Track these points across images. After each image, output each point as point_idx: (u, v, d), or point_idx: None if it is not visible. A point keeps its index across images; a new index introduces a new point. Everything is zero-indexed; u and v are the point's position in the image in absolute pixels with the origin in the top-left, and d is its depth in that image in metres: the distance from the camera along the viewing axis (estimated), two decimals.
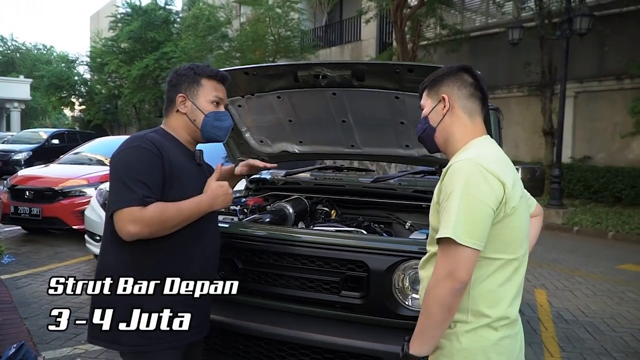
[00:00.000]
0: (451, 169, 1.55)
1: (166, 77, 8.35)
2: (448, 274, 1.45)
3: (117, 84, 27.37)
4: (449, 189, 1.51)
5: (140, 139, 1.89)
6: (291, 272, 2.48)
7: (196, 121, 2.01)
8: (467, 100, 1.71)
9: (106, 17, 27.42)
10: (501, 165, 1.58)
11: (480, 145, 1.65)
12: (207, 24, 18.58)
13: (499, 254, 1.55)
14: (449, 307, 1.47)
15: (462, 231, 1.44)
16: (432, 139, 1.76)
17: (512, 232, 1.57)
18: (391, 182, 3.39)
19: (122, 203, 1.76)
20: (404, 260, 2.31)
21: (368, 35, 18.51)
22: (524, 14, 13.22)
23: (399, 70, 2.61)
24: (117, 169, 1.84)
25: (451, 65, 1.78)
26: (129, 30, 24.19)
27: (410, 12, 13.46)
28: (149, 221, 1.77)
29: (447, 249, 1.47)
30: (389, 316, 2.34)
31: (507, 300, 1.58)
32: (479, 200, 1.47)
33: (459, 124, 1.70)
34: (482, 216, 1.48)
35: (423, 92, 1.81)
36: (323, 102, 2.98)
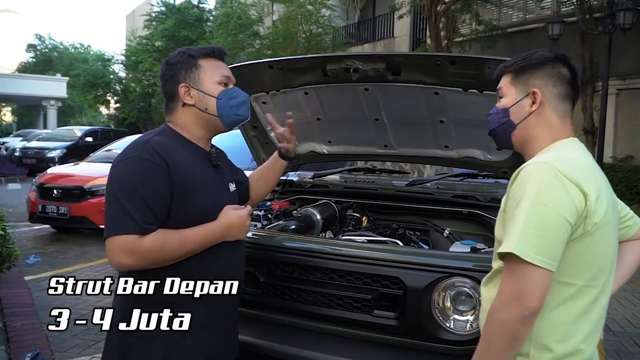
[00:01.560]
0: (522, 173, 1.31)
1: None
2: (514, 297, 1.23)
3: (151, 82, 27.58)
4: (518, 196, 1.28)
5: (141, 147, 1.61)
6: (318, 287, 2.22)
7: (208, 109, 1.73)
8: (561, 100, 1.44)
9: (141, 16, 27.71)
10: (586, 172, 1.32)
11: (564, 147, 1.40)
12: (238, 21, 18.51)
13: (573, 278, 1.30)
14: (514, 335, 1.24)
15: (529, 246, 1.21)
16: (509, 136, 1.49)
17: (593, 254, 1.31)
18: (428, 185, 3.12)
19: (116, 229, 1.51)
20: (445, 277, 2.04)
21: (401, 32, 18.14)
22: (563, 9, 12.69)
23: (439, 62, 2.34)
24: (112, 185, 1.57)
25: (547, 52, 1.47)
26: (163, 28, 24.33)
27: (445, 8, 13.06)
28: (144, 254, 1.53)
29: (512, 267, 1.25)
30: (427, 339, 2.07)
31: (580, 335, 1.32)
32: (553, 210, 1.23)
33: (546, 126, 1.44)
34: (556, 230, 1.23)
35: (503, 76, 1.52)
36: (354, 99, 2.73)
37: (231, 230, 1.71)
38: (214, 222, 1.68)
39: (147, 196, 1.54)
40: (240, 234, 1.77)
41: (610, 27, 10.00)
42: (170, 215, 1.59)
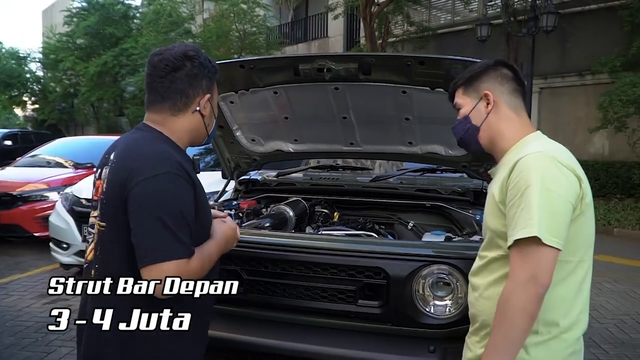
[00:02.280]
0: (521, 164, 1.41)
1: (126, 75, 7.74)
2: (530, 278, 1.32)
3: (73, 82, 26.35)
4: (522, 185, 1.38)
5: (168, 162, 1.49)
6: (302, 281, 2.29)
7: (209, 126, 1.70)
8: (511, 95, 1.61)
9: (60, 12, 26.33)
10: (571, 157, 1.48)
11: (540, 139, 1.55)
12: (169, 19, 18.05)
13: (571, 255, 1.43)
14: (532, 314, 1.33)
15: (547, 230, 1.32)
16: (476, 139, 1.65)
17: (585, 231, 1.46)
18: (391, 181, 3.25)
19: (167, 254, 1.42)
20: (425, 266, 2.17)
21: (335, 31, 18.39)
22: (490, 12, 13.36)
23: (410, 62, 2.46)
24: (152, 204, 1.44)
25: (487, 61, 1.68)
26: (86, 25, 23.29)
27: (379, 9, 13.42)
28: (192, 276, 1.49)
29: (527, 250, 1.34)
30: (410, 325, 2.19)
31: (579, 306, 1.47)
32: (560, 195, 1.36)
33: (506, 121, 1.59)
34: (564, 213, 1.37)
35: (456, 91, 1.70)
36: (324, 98, 2.81)
37: (228, 244, 1.74)
38: (218, 238, 1.67)
39: (187, 214, 1.48)
40: (233, 245, 1.80)
41: (534, 30, 10.64)
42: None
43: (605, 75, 10.58)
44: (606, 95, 9.58)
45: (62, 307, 1.75)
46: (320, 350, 2.21)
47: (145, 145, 1.56)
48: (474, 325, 1.61)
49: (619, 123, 9.48)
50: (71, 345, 3.87)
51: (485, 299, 1.52)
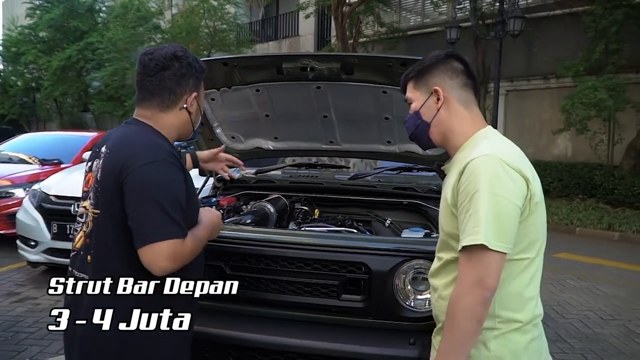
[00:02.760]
0: (469, 168, 1.41)
1: (91, 69, 7.78)
2: (477, 282, 1.34)
3: (36, 76, 25.61)
4: (470, 189, 1.38)
5: (163, 151, 1.59)
6: (286, 276, 2.33)
7: (195, 123, 1.81)
8: (461, 90, 1.59)
9: (22, 3, 25.56)
10: (519, 157, 1.47)
11: (491, 137, 1.53)
12: (137, 14, 17.77)
13: (524, 253, 1.45)
14: (479, 317, 1.36)
15: (493, 235, 1.34)
16: (427, 135, 1.62)
17: (536, 228, 1.47)
18: (369, 179, 3.31)
19: (163, 234, 1.49)
20: (406, 261, 2.24)
21: (306, 30, 18.42)
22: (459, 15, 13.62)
23: (391, 63, 2.53)
24: (148, 188, 1.52)
25: (438, 53, 1.64)
26: (49, 18, 22.67)
27: (351, 9, 13.52)
28: (187, 257, 1.58)
29: (474, 256, 1.36)
30: (391, 318, 2.26)
31: (533, 301, 1.49)
32: (506, 199, 1.37)
33: (457, 117, 1.57)
34: (511, 216, 1.38)
35: (407, 84, 1.67)
36: (305, 96, 2.85)
37: (215, 229, 1.84)
38: (206, 223, 1.76)
39: (181, 199, 1.57)
40: (218, 232, 1.91)
41: (501, 33, 10.90)
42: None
43: (569, 79, 10.90)
44: (568, 99, 9.89)
45: (28, 304, 1.74)
46: (303, 344, 2.25)
47: (138, 136, 1.65)
48: (437, 325, 1.63)
49: (581, 126, 9.81)
50: (42, 344, 3.82)
51: (444, 300, 1.52)
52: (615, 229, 9.04)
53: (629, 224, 9.06)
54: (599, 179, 10.69)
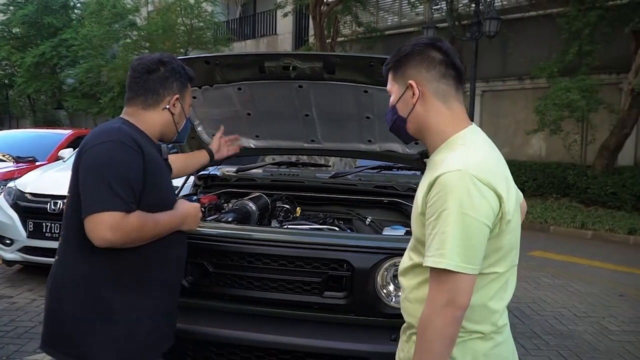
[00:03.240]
0: (440, 182, 1.32)
1: (66, 66, 7.98)
2: (447, 303, 1.29)
3: (8, 72, 25.09)
4: (438, 206, 1.31)
5: (117, 133, 1.72)
6: (269, 274, 2.35)
7: (179, 124, 1.94)
8: (439, 82, 1.44)
9: None
10: (494, 171, 1.37)
11: (468, 144, 1.41)
12: (112, 10, 17.53)
13: (492, 267, 1.39)
14: (451, 337, 1.31)
15: (460, 258, 1.28)
16: (405, 130, 1.52)
17: (507, 244, 1.40)
18: (350, 177, 3.34)
19: (105, 205, 1.59)
20: (388, 258, 2.27)
21: (284, 29, 18.40)
22: (436, 15, 13.77)
23: (373, 63, 2.55)
24: (96, 165, 1.65)
25: (417, 40, 1.49)
26: (23, 14, 22.24)
27: (329, 9, 13.56)
28: (129, 231, 1.63)
29: (442, 278, 1.30)
30: (372, 315, 2.29)
31: (498, 313, 1.43)
32: (475, 219, 1.29)
33: (434, 113, 1.45)
34: (480, 237, 1.31)
35: (388, 75, 1.54)
36: (287, 95, 2.86)
37: (187, 220, 1.89)
38: (174, 211, 1.84)
39: (131, 178, 1.65)
40: (194, 224, 1.96)
41: (477, 34, 11.07)
42: (141, 200, 1.70)
43: (543, 80, 11.09)
44: (542, 100, 10.08)
45: (4, 303, 1.81)
46: (285, 341, 2.27)
47: (106, 125, 1.81)
48: (403, 324, 1.58)
49: (555, 126, 10.00)
50: (18, 342, 3.77)
51: (410, 302, 1.50)
52: (589, 228, 9.23)
53: (602, 222, 9.25)
54: (572, 178, 10.90)
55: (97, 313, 1.69)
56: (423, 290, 1.41)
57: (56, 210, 4.91)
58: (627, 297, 5.48)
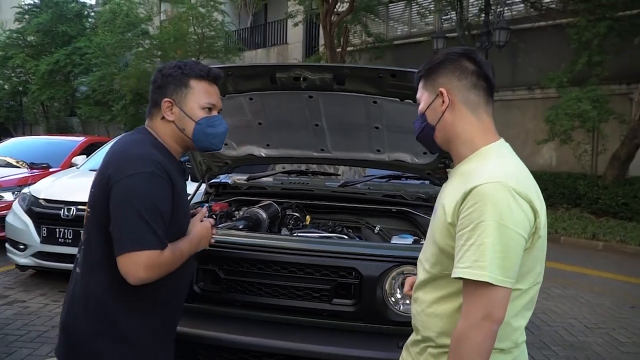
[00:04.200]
0: (477, 193, 1.30)
1: (79, 74, 7.95)
2: (485, 316, 1.27)
3: (23, 80, 25.42)
4: (475, 217, 1.29)
5: (151, 163, 1.61)
6: (278, 280, 2.39)
7: (186, 130, 1.75)
8: (469, 92, 1.45)
9: (11, 8, 25.43)
10: (529, 184, 1.38)
11: (502, 156, 1.43)
12: (125, 19, 17.75)
13: (519, 284, 1.37)
14: (488, 351, 1.30)
15: (499, 271, 1.27)
16: (432, 139, 1.53)
17: (535, 260, 1.40)
18: (359, 186, 3.38)
19: (141, 244, 1.53)
20: (396, 266, 2.31)
21: (294, 38, 18.52)
22: (445, 25, 13.82)
23: (382, 74, 2.60)
24: (131, 199, 1.56)
25: (451, 49, 1.52)
26: (38, 22, 22.57)
27: (339, 18, 13.64)
28: (163, 267, 1.59)
29: (479, 291, 1.28)
30: (380, 322, 2.33)
31: (519, 331, 1.44)
32: (515, 232, 1.28)
33: (463, 123, 1.46)
34: (518, 250, 1.30)
35: (419, 82, 1.56)
36: (298, 105, 2.91)
37: (201, 243, 1.83)
38: (191, 236, 1.77)
39: (164, 212, 1.60)
40: (206, 244, 1.89)
41: (487, 44, 11.11)
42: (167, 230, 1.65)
43: (553, 90, 11.07)
44: (552, 109, 10.06)
45: (17, 307, 1.81)
46: (294, 347, 2.30)
47: (132, 146, 1.69)
48: (415, 336, 1.57)
49: (565, 136, 9.97)
50: (31, 346, 3.83)
51: (428, 316, 1.48)
52: (600, 239, 9.16)
53: (613, 233, 9.18)
54: (583, 188, 10.85)
55: (109, 332, 1.66)
56: (444, 305, 1.42)
57: (69, 216, 5.00)
58: (638, 309, 5.45)
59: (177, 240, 1.68)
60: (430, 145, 1.58)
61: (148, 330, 1.71)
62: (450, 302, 1.42)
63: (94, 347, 1.66)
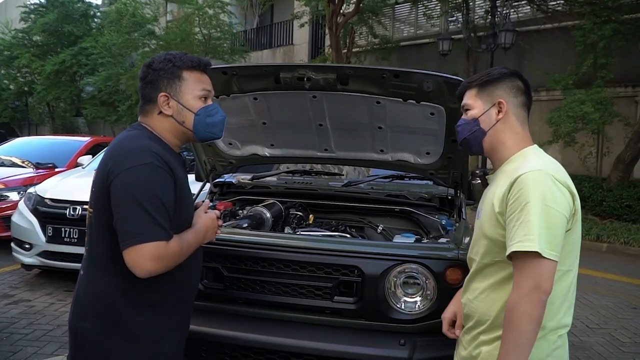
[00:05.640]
0: (522, 180, 1.50)
1: (85, 74, 7.86)
2: (534, 287, 1.43)
3: (29, 80, 25.54)
4: (522, 200, 1.48)
5: (150, 154, 1.61)
6: (281, 278, 2.42)
7: (185, 122, 1.75)
8: (520, 108, 1.69)
9: (17, 7, 25.58)
10: (566, 175, 1.57)
11: (539, 155, 1.63)
12: (132, 19, 17.81)
13: (560, 265, 1.51)
14: (538, 319, 1.44)
15: (547, 244, 1.43)
16: (480, 142, 1.71)
17: (574, 242, 1.58)
18: (362, 186, 3.40)
19: (147, 236, 1.52)
20: (397, 264, 2.33)
21: (300, 39, 18.56)
22: (451, 27, 13.82)
23: (385, 75, 2.62)
24: (133, 192, 1.56)
25: (504, 69, 1.75)
26: (44, 22, 22.67)
27: (345, 20, 13.67)
28: (170, 258, 1.59)
29: (529, 263, 1.45)
30: (382, 320, 2.35)
31: (563, 310, 1.58)
32: (557, 211, 1.47)
33: (511, 132, 1.67)
34: (561, 227, 1.48)
35: (467, 91, 1.75)
36: (301, 105, 2.93)
37: (207, 234, 1.83)
38: (196, 228, 1.77)
39: (167, 204, 1.59)
40: (213, 236, 1.88)
41: (493, 46, 11.10)
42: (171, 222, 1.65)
43: (559, 92, 11.08)
44: (555, 111, 10.05)
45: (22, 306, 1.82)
46: (297, 344, 2.33)
47: (128, 141, 1.70)
48: (467, 324, 1.71)
49: (569, 138, 9.97)
50: (36, 345, 3.86)
51: (480, 302, 1.64)
52: (604, 240, 9.15)
53: (617, 235, 9.17)
54: (587, 190, 10.83)
55: (118, 332, 1.65)
56: (498, 289, 1.59)
57: (75, 216, 5.04)
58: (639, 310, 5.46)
59: (182, 231, 1.68)
60: (475, 148, 1.75)
61: (160, 328, 1.71)
62: (501, 290, 1.58)
63: (102, 347, 1.66)
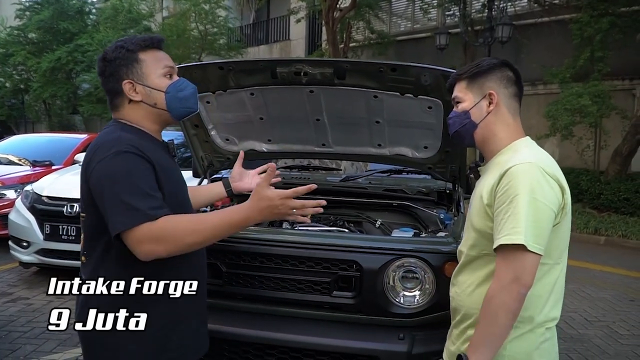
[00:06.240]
0: (512, 172, 1.49)
1: (81, 71, 7.76)
2: (514, 279, 1.43)
3: (24, 77, 25.44)
4: (511, 193, 1.47)
5: (117, 143, 1.58)
6: (280, 274, 2.41)
7: (157, 104, 1.71)
8: (511, 99, 1.66)
9: (12, 5, 25.41)
10: (556, 167, 1.56)
11: (530, 147, 1.61)
12: (128, 16, 17.75)
13: (547, 258, 1.51)
14: (514, 312, 1.44)
15: (532, 238, 1.42)
16: (472, 135, 1.69)
17: (562, 236, 1.56)
18: (360, 181, 3.39)
19: (124, 224, 1.50)
20: (396, 259, 2.32)
21: (297, 35, 18.52)
22: (448, 21, 13.79)
23: (382, 69, 2.61)
24: (103, 184, 1.54)
25: (494, 59, 1.71)
26: (39, 19, 22.54)
27: (341, 15, 13.65)
28: (160, 237, 1.51)
29: (512, 255, 1.44)
30: (380, 314, 2.35)
31: (551, 303, 1.57)
32: (546, 205, 1.46)
33: (503, 124, 1.65)
34: (548, 220, 1.47)
35: (457, 84, 1.72)
36: (299, 100, 2.92)
37: (272, 211, 1.62)
38: (246, 203, 1.61)
39: (143, 184, 1.55)
40: (274, 216, 1.69)
41: (490, 40, 11.10)
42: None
43: (556, 85, 11.07)
44: (552, 105, 10.05)
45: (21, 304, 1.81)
46: (296, 339, 2.33)
47: (100, 138, 1.67)
48: (454, 318, 1.71)
49: (566, 131, 9.97)
50: (35, 343, 3.86)
51: (467, 296, 1.63)
52: (602, 234, 9.19)
53: (615, 228, 9.21)
54: (585, 184, 10.85)
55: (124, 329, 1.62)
56: (482, 287, 1.57)
57: (72, 213, 5.02)
58: (638, 302, 5.48)
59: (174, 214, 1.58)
60: (467, 140, 1.73)
61: (168, 322, 1.68)
62: (488, 284, 1.53)
63: (113, 348, 1.65)
